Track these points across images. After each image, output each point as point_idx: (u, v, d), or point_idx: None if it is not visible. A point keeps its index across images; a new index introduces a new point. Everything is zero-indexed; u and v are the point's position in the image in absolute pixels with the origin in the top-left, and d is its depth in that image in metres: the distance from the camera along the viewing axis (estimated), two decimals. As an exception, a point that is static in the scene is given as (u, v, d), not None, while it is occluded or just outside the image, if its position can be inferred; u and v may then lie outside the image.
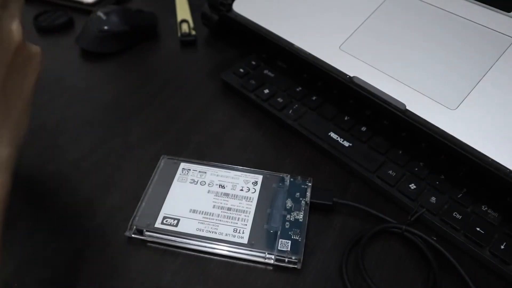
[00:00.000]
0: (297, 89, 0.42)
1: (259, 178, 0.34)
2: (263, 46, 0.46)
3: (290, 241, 0.30)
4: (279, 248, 0.30)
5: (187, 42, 0.50)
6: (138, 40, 0.50)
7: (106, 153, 0.37)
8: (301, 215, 0.32)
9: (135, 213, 0.32)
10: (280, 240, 0.30)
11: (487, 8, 0.36)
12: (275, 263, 0.29)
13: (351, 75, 0.36)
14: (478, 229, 0.30)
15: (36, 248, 0.30)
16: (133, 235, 0.31)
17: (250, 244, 0.30)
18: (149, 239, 0.31)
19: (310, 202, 0.32)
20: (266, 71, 0.44)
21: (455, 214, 0.31)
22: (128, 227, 0.31)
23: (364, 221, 0.33)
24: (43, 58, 0.27)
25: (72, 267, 0.29)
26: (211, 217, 0.31)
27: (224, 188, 0.33)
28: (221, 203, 0.32)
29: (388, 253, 0.31)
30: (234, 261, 0.30)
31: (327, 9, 0.41)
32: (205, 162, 0.36)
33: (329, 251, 0.31)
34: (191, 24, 0.52)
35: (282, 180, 0.34)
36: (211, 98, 0.43)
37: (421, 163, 0.35)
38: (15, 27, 0.25)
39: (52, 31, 0.52)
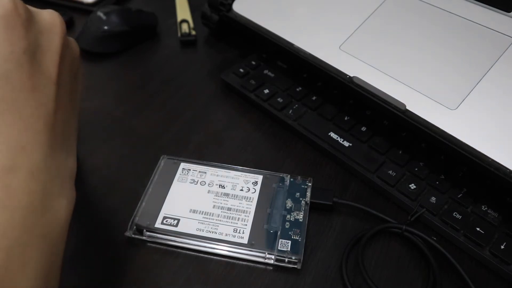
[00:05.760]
0: (297, 89, 0.42)
1: (259, 178, 0.34)
2: (263, 46, 0.46)
3: (290, 241, 0.30)
4: (279, 248, 0.30)
5: (187, 42, 0.50)
6: (138, 40, 0.50)
7: (106, 153, 0.37)
8: (301, 215, 0.32)
9: (135, 213, 0.32)
10: (280, 240, 0.30)
11: (487, 8, 0.36)
12: (275, 263, 0.29)
13: (351, 75, 0.36)
14: (478, 229, 0.30)
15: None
16: (133, 235, 0.31)
17: (250, 244, 0.30)
18: (149, 239, 0.31)
19: (310, 202, 0.32)
20: (266, 71, 0.44)
21: (455, 214, 0.31)
22: (128, 227, 0.31)
23: (364, 221, 0.33)
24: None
25: (72, 267, 0.29)
26: (211, 217, 0.31)
27: (224, 188, 0.33)
28: (221, 203, 0.32)
29: (388, 253, 0.31)
30: (234, 261, 0.30)
31: (327, 9, 0.41)
32: (205, 162, 0.36)
33: (329, 251, 0.31)
34: (191, 24, 0.52)
35: (282, 180, 0.34)
36: (211, 98, 0.43)
37: (421, 163, 0.35)
38: (73, 39, 0.26)
39: (52, 31, 0.52)
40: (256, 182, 0.34)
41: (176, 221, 0.31)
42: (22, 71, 0.20)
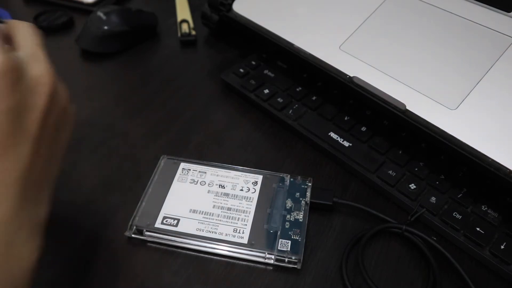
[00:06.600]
0: (297, 89, 0.42)
1: (259, 178, 0.34)
2: (263, 46, 0.46)
3: (290, 241, 0.30)
4: (279, 248, 0.30)
5: (187, 42, 0.50)
6: (138, 40, 0.50)
7: (106, 153, 0.37)
8: (301, 215, 0.32)
9: (135, 213, 0.32)
10: (280, 240, 0.30)
11: (487, 8, 0.36)
12: (275, 263, 0.29)
13: (351, 75, 0.36)
14: (478, 229, 0.30)
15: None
16: (133, 235, 0.31)
17: (250, 244, 0.30)
18: (149, 239, 0.31)
19: (310, 202, 0.32)
20: (266, 71, 0.44)
21: (455, 214, 0.31)
22: (128, 227, 0.31)
23: (364, 221, 0.33)
24: (75, 112, 0.27)
25: (72, 267, 0.29)
26: (211, 217, 0.31)
27: (224, 188, 0.33)
28: (221, 203, 0.32)
29: (388, 253, 0.31)
30: (234, 261, 0.30)
31: (327, 9, 0.41)
32: (205, 162, 0.36)
33: (329, 251, 0.31)
34: (191, 24, 0.52)
35: (282, 180, 0.34)
36: (211, 98, 0.43)
37: (421, 163, 0.35)
38: (64, 88, 0.25)
39: (52, 31, 0.52)
40: (256, 182, 0.34)
41: (176, 221, 0.31)
42: (1, 130, 0.21)
